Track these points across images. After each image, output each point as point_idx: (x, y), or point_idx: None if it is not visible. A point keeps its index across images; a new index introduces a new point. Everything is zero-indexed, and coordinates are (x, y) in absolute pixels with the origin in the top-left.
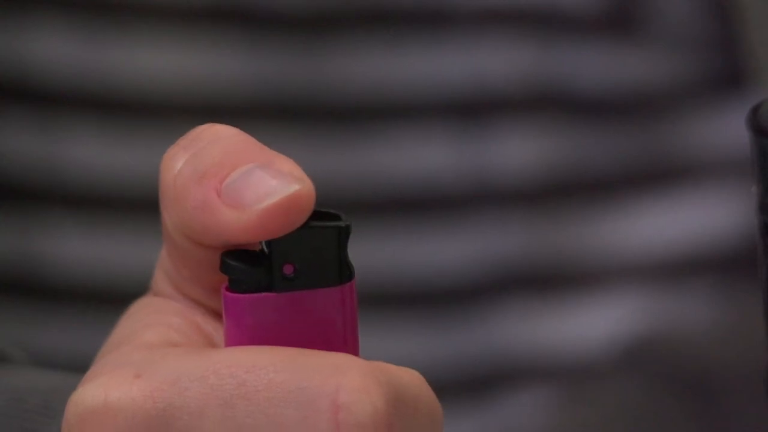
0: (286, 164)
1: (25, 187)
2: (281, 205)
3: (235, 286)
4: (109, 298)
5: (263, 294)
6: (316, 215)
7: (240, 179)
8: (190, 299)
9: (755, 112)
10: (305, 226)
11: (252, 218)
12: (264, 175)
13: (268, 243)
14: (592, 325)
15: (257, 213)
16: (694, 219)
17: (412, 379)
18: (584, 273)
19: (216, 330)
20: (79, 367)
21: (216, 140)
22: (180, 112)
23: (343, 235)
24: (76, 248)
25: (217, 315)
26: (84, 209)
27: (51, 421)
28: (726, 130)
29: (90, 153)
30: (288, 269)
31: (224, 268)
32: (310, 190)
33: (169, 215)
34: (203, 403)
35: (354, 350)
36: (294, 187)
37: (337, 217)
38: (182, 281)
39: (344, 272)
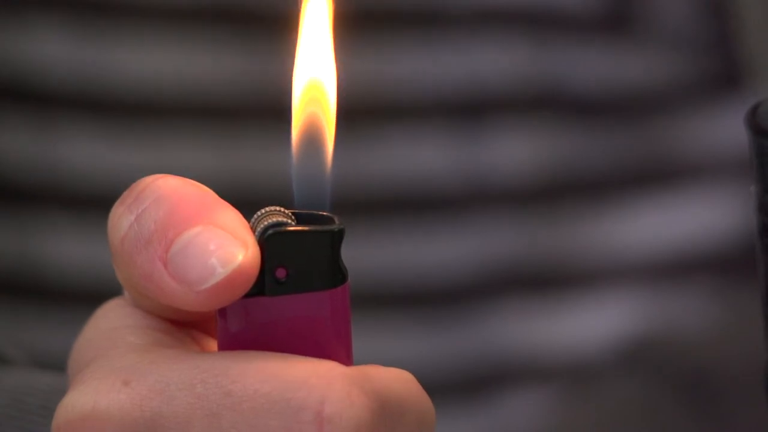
0: (229, 223)
1: (22, 187)
2: (225, 284)
3: None
4: (108, 299)
5: (255, 297)
6: (310, 218)
7: (184, 251)
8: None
9: (754, 112)
10: (298, 230)
11: (198, 297)
12: (206, 247)
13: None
14: (591, 325)
15: (203, 293)
16: (693, 219)
17: (399, 382)
18: (583, 273)
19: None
20: None
21: (158, 200)
22: (178, 112)
23: (337, 238)
24: (74, 248)
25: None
26: (82, 210)
27: (49, 422)
28: (725, 130)
29: (87, 153)
30: (280, 273)
31: None
32: (253, 257)
33: (119, 273)
34: (190, 412)
35: (347, 353)
36: (235, 263)
37: (330, 220)
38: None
39: (337, 276)
